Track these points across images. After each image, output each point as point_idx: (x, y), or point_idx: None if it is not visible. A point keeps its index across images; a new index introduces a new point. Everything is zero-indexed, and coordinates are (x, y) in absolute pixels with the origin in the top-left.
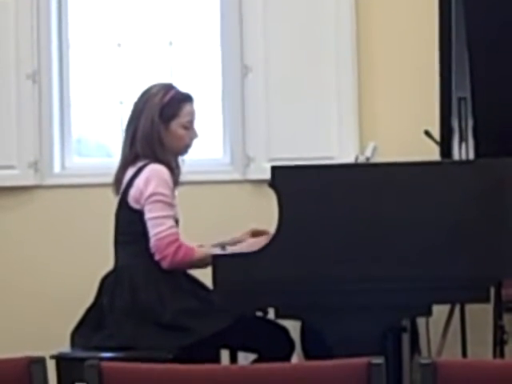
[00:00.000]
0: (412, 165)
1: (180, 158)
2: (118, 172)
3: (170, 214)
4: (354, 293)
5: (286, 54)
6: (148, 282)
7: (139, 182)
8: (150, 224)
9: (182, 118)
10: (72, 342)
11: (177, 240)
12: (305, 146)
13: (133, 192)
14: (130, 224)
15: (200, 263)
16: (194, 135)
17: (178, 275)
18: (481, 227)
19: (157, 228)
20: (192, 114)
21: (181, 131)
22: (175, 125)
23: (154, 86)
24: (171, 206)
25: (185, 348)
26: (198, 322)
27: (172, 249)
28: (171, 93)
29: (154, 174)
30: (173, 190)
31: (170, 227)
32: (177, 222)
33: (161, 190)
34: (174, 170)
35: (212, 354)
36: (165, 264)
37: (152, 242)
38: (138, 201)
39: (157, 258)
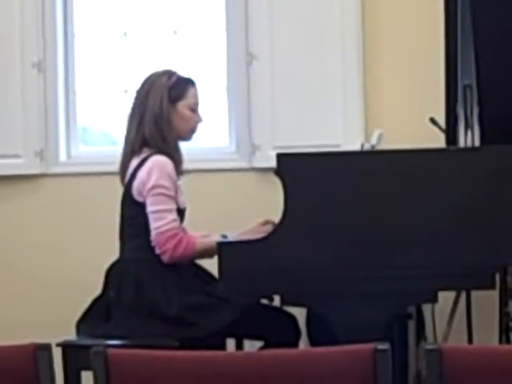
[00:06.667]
0: (418, 152)
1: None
2: (124, 160)
3: (171, 208)
4: (360, 280)
5: (291, 42)
6: (153, 276)
7: (142, 173)
8: (151, 217)
9: (188, 100)
10: (78, 332)
11: (177, 234)
12: (310, 133)
13: (136, 184)
14: (134, 217)
15: (202, 255)
16: (199, 119)
17: (183, 268)
18: (486, 214)
19: (157, 222)
20: (196, 96)
21: (187, 112)
22: (182, 106)
23: (155, 72)
24: (173, 198)
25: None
26: (204, 317)
27: (172, 244)
28: (175, 76)
29: (156, 166)
30: (176, 182)
31: (171, 221)
32: (184, 210)
33: (162, 182)
34: (177, 160)
35: (218, 342)
36: (165, 258)
37: (153, 235)
38: (140, 193)
39: (157, 252)
